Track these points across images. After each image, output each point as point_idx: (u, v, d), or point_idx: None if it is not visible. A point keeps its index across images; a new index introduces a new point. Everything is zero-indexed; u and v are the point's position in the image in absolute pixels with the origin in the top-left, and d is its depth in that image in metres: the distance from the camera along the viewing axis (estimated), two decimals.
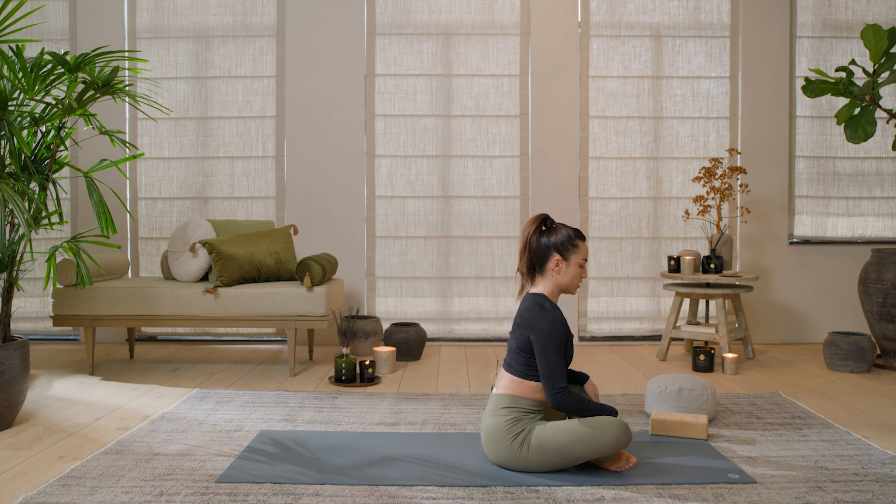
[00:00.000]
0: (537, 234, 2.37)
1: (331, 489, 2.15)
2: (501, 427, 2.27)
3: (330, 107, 4.79)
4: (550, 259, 2.34)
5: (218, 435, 2.70)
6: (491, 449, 2.30)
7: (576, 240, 2.35)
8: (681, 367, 4.03)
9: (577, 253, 2.35)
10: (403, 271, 4.87)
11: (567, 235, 2.35)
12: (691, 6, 4.85)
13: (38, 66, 2.91)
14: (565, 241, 2.34)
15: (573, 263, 2.35)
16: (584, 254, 2.36)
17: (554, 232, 2.36)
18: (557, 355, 2.24)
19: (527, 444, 2.24)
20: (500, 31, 4.84)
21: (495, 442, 2.28)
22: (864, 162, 4.89)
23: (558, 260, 2.33)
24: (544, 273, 2.37)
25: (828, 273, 4.86)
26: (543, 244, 2.35)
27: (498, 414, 2.30)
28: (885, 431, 2.80)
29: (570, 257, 2.34)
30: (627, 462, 2.31)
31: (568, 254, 2.34)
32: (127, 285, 3.82)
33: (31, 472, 2.31)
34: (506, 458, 2.27)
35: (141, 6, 4.83)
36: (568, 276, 2.35)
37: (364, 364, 3.58)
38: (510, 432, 2.25)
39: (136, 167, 4.88)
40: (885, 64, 3.79)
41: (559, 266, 2.34)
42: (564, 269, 2.35)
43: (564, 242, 2.34)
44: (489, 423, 2.31)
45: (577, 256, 2.35)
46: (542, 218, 2.39)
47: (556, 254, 2.34)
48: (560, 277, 2.35)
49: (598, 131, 4.87)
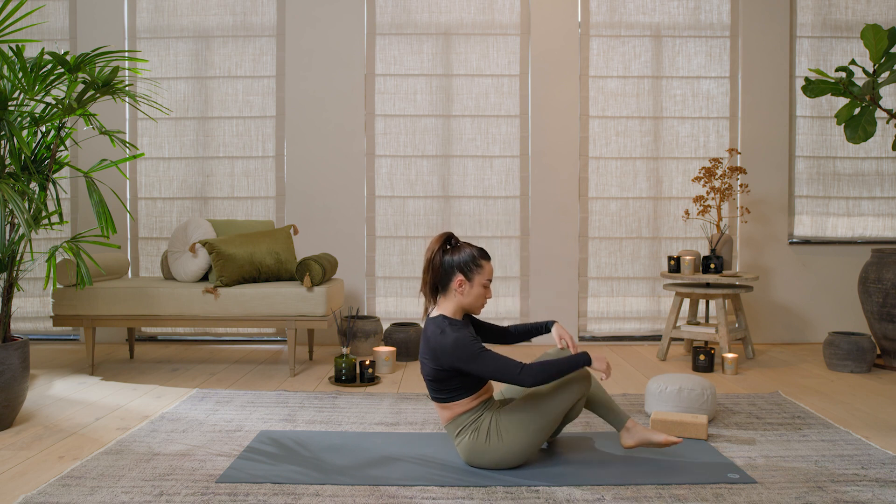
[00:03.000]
0: (441, 252, 2.30)
1: (331, 489, 2.15)
2: (468, 441, 2.29)
3: (330, 107, 4.79)
4: (454, 279, 2.28)
5: (218, 435, 2.70)
6: (475, 460, 2.31)
7: (479, 259, 2.30)
8: (681, 367, 4.03)
9: (481, 273, 2.29)
10: (403, 271, 4.87)
11: (471, 255, 2.29)
12: (691, 6, 4.85)
13: (38, 66, 2.91)
14: (469, 260, 2.28)
15: (476, 284, 2.29)
16: (487, 274, 2.31)
17: (457, 251, 2.30)
18: (486, 355, 2.19)
19: (497, 431, 2.26)
20: (500, 31, 4.84)
21: (475, 454, 2.30)
22: (864, 162, 4.89)
23: (461, 280, 2.27)
24: (447, 293, 2.31)
25: (828, 273, 4.86)
26: (447, 263, 2.29)
27: (457, 438, 2.33)
28: (885, 431, 2.80)
29: (473, 277, 2.29)
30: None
31: (472, 274, 2.28)
32: (127, 285, 3.82)
33: (31, 472, 2.31)
34: (495, 457, 2.28)
35: (141, 6, 4.83)
36: (471, 297, 2.30)
37: (364, 364, 3.58)
38: (478, 438, 2.27)
39: (136, 167, 4.88)
40: (885, 64, 3.79)
41: (462, 287, 2.28)
42: (468, 290, 2.29)
43: (468, 262, 2.28)
44: (459, 449, 2.33)
45: (480, 277, 2.29)
46: (447, 237, 2.32)
47: (459, 274, 2.28)
48: (463, 298, 2.30)
49: (598, 131, 4.87)
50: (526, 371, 2.18)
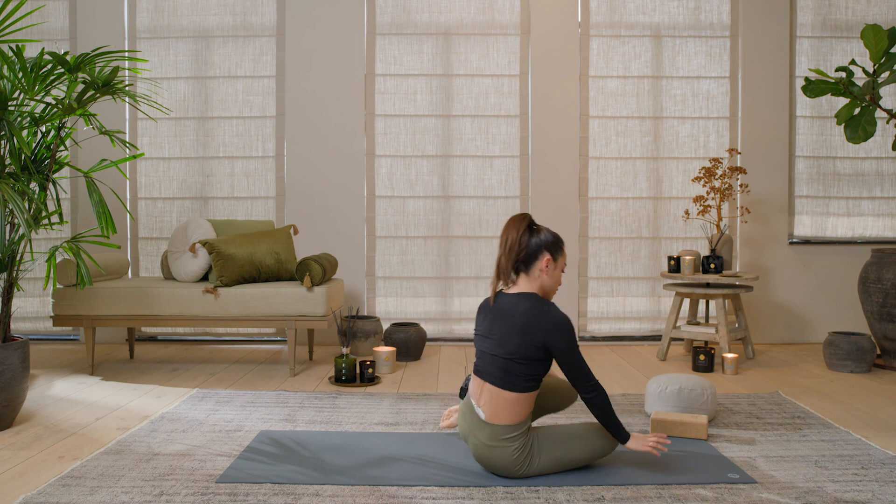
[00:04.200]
0: (528, 232, 2.25)
1: (331, 489, 2.15)
2: (507, 458, 2.19)
3: (330, 107, 4.79)
4: (541, 259, 2.23)
5: (218, 435, 2.70)
6: (492, 469, 2.25)
7: (562, 244, 2.29)
8: (681, 367, 4.03)
9: (563, 256, 2.29)
10: (403, 271, 4.87)
11: (556, 237, 2.28)
12: (691, 6, 4.85)
13: (38, 66, 2.91)
14: (555, 241, 2.27)
15: (559, 266, 2.28)
16: (565, 260, 2.31)
17: (542, 232, 2.27)
18: (579, 350, 2.19)
19: (534, 462, 2.23)
20: (500, 31, 4.84)
21: (500, 468, 2.23)
22: (864, 162, 4.89)
23: (549, 260, 2.24)
24: (530, 273, 2.25)
25: (828, 273, 4.86)
26: (534, 243, 2.23)
27: (499, 445, 2.19)
28: (885, 431, 2.80)
29: (558, 259, 2.27)
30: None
31: (557, 255, 2.27)
32: (127, 285, 3.82)
33: (31, 472, 2.31)
34: (510, 475, 2.25)
35: (141, 6, 4.83)
36: (553, 279, 2.27)
37: (364, 364, 3.58)
38: (517, 460, 2.21)
39: (136, 167, 4.88)
40: (885, 64, 3.79)
41: (548, 266, 2.24)
42: (551, 271, 2.26)
43: (555, 243, 2.26)
44: (489, 453, 2.21)
45: (562, 260, 2.29)
46: (529, 217, 2.28)
47: (547, 254, 2.24)
48: (546, 279, 2.25)
49: (598, 131, 4.87)
50: (597, 391, 2.18)
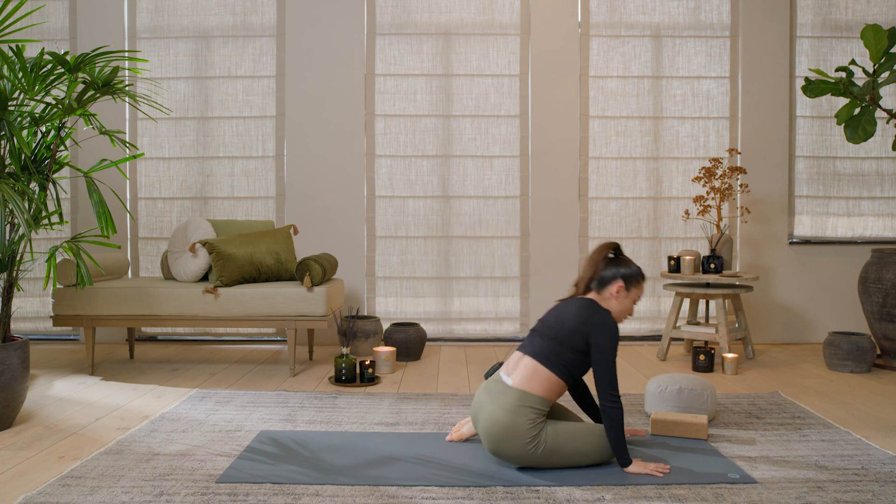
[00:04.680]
0: (606, 260, 2.44)
1: (331, 489, 2.15)
2: (522, 427, 2.24)
3: (330, 107, 4.79)
4: (613, 284, 2.40)
5: (218, 435, 2.70)
6: (500, 444, 2.26)
7: (639, 278, 2.44)
8: (681, 367, 4.03)
9: (638, 289, 2.44)
10: (403, 271, 4.87)
11: (637, 270, 2.43)
12: (691, 6, 4.85)
13: (38, 66, 2.91)
14: (633, 274, 2.42)
15: (630, 297, 2.43)
16: (640, 293, 2.46)
17: (624, 263, 2.43)
18: (615, 358, 2.31)
19: (541, 446, 2.24)
20: (500, 31, 4.84)
21: (510, 440, 2.25)
22: (864, 162, 4.89)
23: (621, 287, 2.40)
24: (601, 294, 2.43)
25: (828, 273, 4.86)
26: (611, 271, 2.42)
27: (519, 413, 2.25)
28: (885, 431, 2.80)
29: (631, 289, 2.42)
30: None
31: (631, 286, 2.42)
32: (127, 285, 3.82)
33: (31, 472, 2.31)
34: (514, 456, 2.26)
35: (141, 6, 4.83)
36: (621, 306, 2.42)
37: (364, 364, 3.58)
38: (529, 434, 2.24)
39: (136, 167, 4.88)
40: (885, 64, 3.79)
41: (619, 293, 2.40)
42: (622, 299, 2.41)
43: (633, 275, 2.42)
44: (505, 419, 2.25)
45: (635, 292, 2.44)
46: (615, 246, 2.46)
47: (621, 281, 2.40)
48: (615, 304, 2.42)
49: (598, 131, 4.87)
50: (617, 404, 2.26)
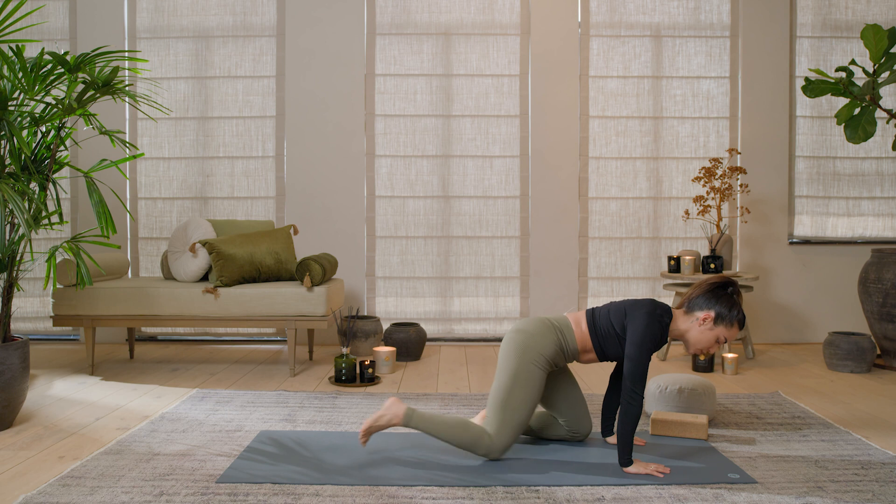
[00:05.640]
0: (713, 288, 2.38)
1: (331, 489, 2.15)
2: (539, 345, 2.38)
3: (330, 107, 4.79)
4: (704, 311, 2.36)
5: (218, 435, 2.70)
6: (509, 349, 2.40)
7: (735, 321, 2.36)
8: (681, 367, 4.03)
9: (725, 329, 2.36)
10: (403, 271, 4.87)
11: (737, 313, 2.36)
12: (691, 6, 4.85)
13: (38, 66, 2.91)
14: (728, 315, 2.35)
15: (715, 333, 2.36)
16: (730, 336, 2.37)
17: (727, 300, 2.36)
18: (645, 354, 2.28)
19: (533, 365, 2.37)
20: (500, 31, 4.84)
21: (519, 343, 2.39)
22: (864, 162, 4.89)
23: (709, 317, 2.35)
24: (690, 314, 2.40)
25: (828, 273, 4.86)
26: (711, 300, 2.37)
27: (549, 331, 2.41)
28: (885, 431, 2.80)
29: (718, 325, 2.36)
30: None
31: (720, 322, 2.36)
32: (127, 285, 3.82)
33: (31, 472, 2.31)
34: (521, 352, 2.38)
35: (141, 6, 4.83)
36: (701, 336, 2.37)
37: (364, 364, 3.58)
38: (540, 355, 2.37)
39: (135, 167, 4.88)
40: (885, 64, 3.79)
41: (705, 322, 2.36)
42: (706, 329, 2.36)
43: (726, 315, 2.35)
44: (534, 329, 2.41)
45: (722, 330, 2.36)
46: (732, 283, 2.39)
47: (713, 312, 2.35)
48: (695, 331, 2.38)
49: (598, 131, 4.87)
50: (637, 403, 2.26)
